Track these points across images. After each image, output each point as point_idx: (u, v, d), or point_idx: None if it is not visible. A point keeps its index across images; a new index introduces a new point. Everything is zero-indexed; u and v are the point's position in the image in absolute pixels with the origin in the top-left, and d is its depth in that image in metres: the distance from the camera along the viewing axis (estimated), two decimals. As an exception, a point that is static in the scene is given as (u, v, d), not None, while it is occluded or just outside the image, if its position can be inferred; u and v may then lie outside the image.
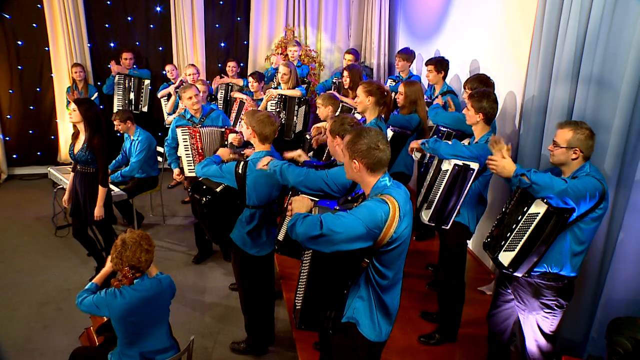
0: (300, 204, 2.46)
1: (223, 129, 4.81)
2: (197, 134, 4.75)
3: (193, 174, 4.92)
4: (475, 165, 3.36)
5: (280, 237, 3.20)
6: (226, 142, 4.79)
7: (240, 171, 3.37)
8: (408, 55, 5.91)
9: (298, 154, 3.64)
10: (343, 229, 2.18)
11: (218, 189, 3.48)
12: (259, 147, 3.50)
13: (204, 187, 3.53)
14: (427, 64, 5.14)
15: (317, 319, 2.47)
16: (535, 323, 3.04)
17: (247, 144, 4.22)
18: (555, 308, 2.95)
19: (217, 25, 7.85)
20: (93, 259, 4.94)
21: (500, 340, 3.40)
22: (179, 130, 4.82)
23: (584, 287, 3.41)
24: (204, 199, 3.44)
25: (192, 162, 4.87)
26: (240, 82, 6.77)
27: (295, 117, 5.87)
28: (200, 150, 4.81)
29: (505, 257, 2.94)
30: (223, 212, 3.51)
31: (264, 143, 3.48)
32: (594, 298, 3.38)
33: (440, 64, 5.05)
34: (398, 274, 2.48)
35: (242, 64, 7.90)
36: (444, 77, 5.12)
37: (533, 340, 3.09)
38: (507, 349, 3.46)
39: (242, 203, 3.49)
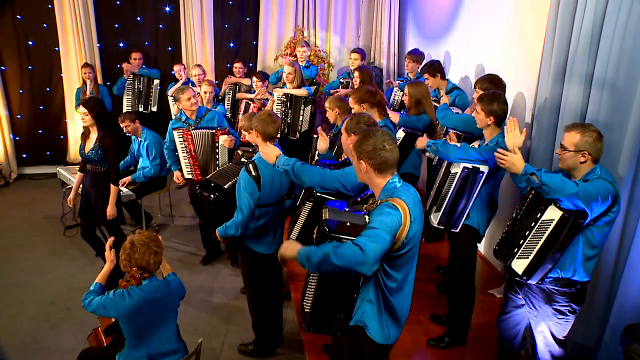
0: (291, 248, 2.33)
1: (213, 131, 4.78)
2: (189, 137, 4.74)
3: (191, 176, 4.91)
4: (484, 168, 3.32)
5: (294, 236, 3.17)
6: (217, 144, 4.76)
7: (254, 173, 3.31)
8: (418, 56, 5.88)
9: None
10: (380, 246, 2.14)
11: (226, 186, 3.47)
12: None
13: (212, 184, 3.52)
14: (421, 72, 5.11)
15: (326, 322, 2.45)
16: (547, 329, 2.99)
17: (248, 145, 4.19)
18: (568, 314, 2.91)
19: (226, 26, 7.85)
20: (101, 259, 4.93)
21: (511, 346, 3.35)
22: (175, 133, 4.81)
23: (596, 291, 3.36)
24: (212, 196, 3.42)
25: (188, 164, 4.86)
26: (248, 81, 6.75)
27: (301, 117, 5.85)
28: (193, 153, 4.79)
29: (519, 265, 2.88)
30: (231, 209, 3.48)
31: (266, 142, 3.43)
32: (607, 303, 3.32)
33: (432, 68, 5.02)
34: (407, 276, 2.45)
35: (250, 64, 7.89)
36: (443, 77, 5.08)
37: (544, 346, 3.04)
38: (518, 354, 3.41)
39: None
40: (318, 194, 3.07)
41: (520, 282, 3.01)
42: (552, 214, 2.72)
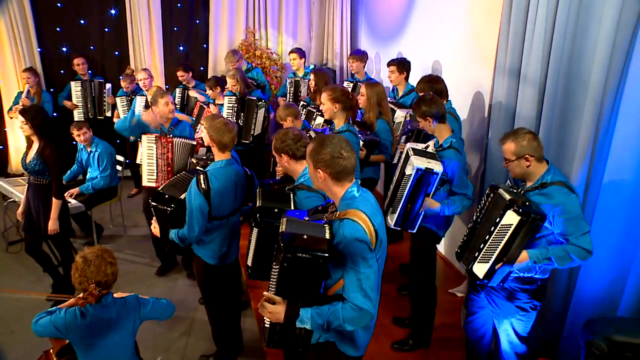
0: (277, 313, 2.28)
1: (194, 143, 4.66)
2: (170, 144, 4.57)
3: (152, 184, 4.71)
4: (438, 169, 3.29)
5: (249, 262, 3.01)
6: (196, 155, 4.62)
7: (204, 186, 3.20)
8: (361, 56, 5.94)
9: None
10: (374, 281, 2.20)
11: (182, 196, 3.34)
12: (219, 155, 3.36)
13: (166, 196, 3.38)
14: (389, 64, 5.13)
15: (287, 338, 2.36)
16: (511, 327, 3.03)
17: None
18: (530, 310, 2.95)
19: (175, 29, 7.62)
20: (49, 275, 4.67)
21: (480, 348, 3.36)
22: (145, 138, 4.60)
23: (555, 288, 3.43)
24: (168, 209, 3.29)
25: (154, 172, 4.67)
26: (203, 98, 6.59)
27: (254, 120, 5.76)
28: (170, 162, 4.62)
29: (480, 269, 2.89)
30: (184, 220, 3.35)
31: (223, 151, 3.34)
32: (565, 299, 3.41)
33: (402, 65, 5.05)
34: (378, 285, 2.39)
35: (202, 68, 7.73)
36: (406, 78, 5.11)
37: (508, 344, 3.08)
38: (490, 355, 3.42)
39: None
40: (265, 219, 2.84)
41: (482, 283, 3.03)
42: (511, 218, 2.72)
